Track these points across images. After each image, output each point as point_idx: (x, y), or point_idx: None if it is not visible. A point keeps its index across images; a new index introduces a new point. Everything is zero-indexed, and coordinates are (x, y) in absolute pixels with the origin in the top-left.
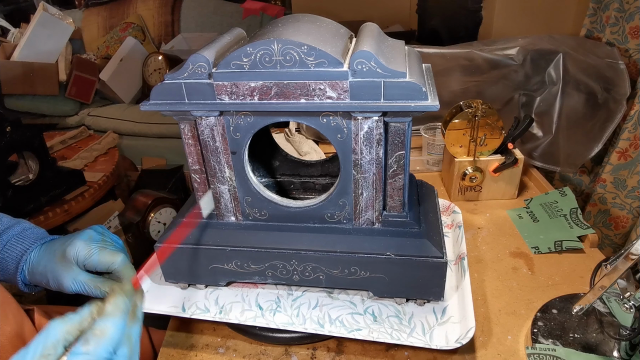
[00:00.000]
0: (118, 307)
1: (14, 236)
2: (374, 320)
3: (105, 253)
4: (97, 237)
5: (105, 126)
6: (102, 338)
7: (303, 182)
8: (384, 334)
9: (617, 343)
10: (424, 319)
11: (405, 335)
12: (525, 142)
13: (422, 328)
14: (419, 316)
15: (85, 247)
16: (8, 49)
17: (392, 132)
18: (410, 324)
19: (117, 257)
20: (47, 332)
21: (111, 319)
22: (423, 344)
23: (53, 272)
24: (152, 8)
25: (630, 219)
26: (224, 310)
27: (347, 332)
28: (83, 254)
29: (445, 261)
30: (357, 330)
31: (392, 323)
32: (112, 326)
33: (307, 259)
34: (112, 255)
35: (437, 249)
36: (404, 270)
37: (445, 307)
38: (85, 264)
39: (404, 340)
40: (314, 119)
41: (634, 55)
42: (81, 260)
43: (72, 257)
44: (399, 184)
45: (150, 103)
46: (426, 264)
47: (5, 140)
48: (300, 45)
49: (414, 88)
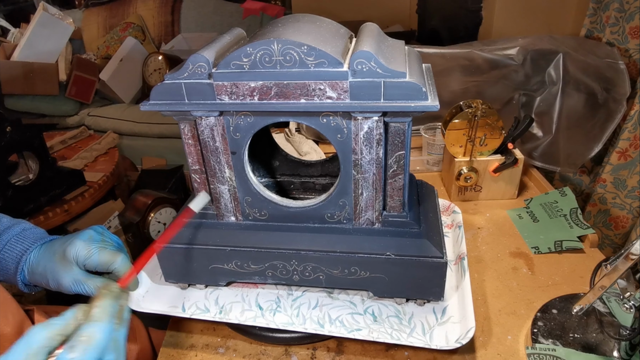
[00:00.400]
0: (105, 311)
1: (14, 236)
2: (374, 320)
3: (105, 253)
4: (97, 237)
5: (105, 126)
6: (89, 344)
7: (303, 182)
8: (384, 334)
9: (617, 343)
10: (424, 319)
11: (405, 335)
12: (525, 142)
13: (422, 328)
14: (419, 316)
15: (85, 247)
16: (8, 49)
17: (392, 132)
18: (410, 324)
19: (117, 257)
20: (28, 338)
21: (98, 323)
22: (423, 344)
23: (53, 272)
24: (152, 8)
25: (630, 219)
26: (224, 310)
27: (347, 332)
28: (83, 254)
29: (445, 261)
30: (357, 330)
31: (392, 323)
32: (98, 331)
33: (307, 259)
34: (112, 256)
35: (437, 249)
36: (404, 271)
37: (445, 307)
38: (85, 264)
39: (404, 340)
40: (313, 119)
41: (634, 55)
42: (81, 260)
43: (72, 257)
44: (399, 184)
45: (150, 103)
46: (426, 264)
47: (5, 140)
48: (300, 45)
49: (414, 88)
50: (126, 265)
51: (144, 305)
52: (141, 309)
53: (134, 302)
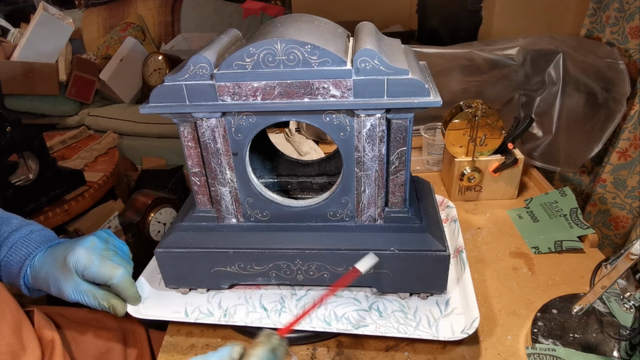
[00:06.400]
0: None
1: (20, 239)
2: (379, 316)
3: (105, 266)
4: (100, 245)
5: (105, 126)
6: None
7: (300, 182)
8: (391, 328)
9: (617, 343)
10: (428, 312)
11: (412, 329)
12: (525, 142)
13: (428, 321)
14: (424, 309)
15: (85, 256)
16: (8, 49)
17: (395, 129)
18: (416, 317)
19: (117, 272)
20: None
21: None
22: (430, 337)
23: (54, 279)
24: (152, 8)
25: (630, 219)
26: (228, 313)
27: (354, 329)
28: (82, 264)
29: (448, 254)
30: (364, 326)
31: (398, 317)
32: None
33: (311, 257)
34: (111, 269)
35: (439, 243)
36: (408, 265)
37: (448, 299)
38: (84, 274)
39: (411, 334)
40: (316, 117)
41: (634, 55)
42: (80, 269)
43: (72, 265)
44: (400, 180)
45: (150, 106)
46: (430, 257)
47: (5, 140)
48: (303, 45)
49: (417, 85)
50: (125, 280)
51: (144, 312)
52: (142, 316)
53: (134, 310)
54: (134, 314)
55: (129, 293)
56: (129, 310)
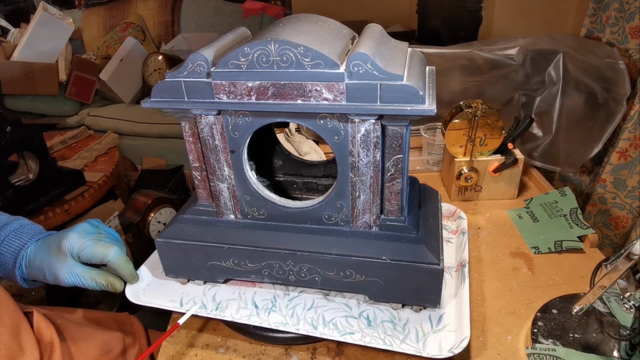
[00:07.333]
0: None
1: (12, 232)
2: (367, 325)
3: (98, 245)
4: (92, 230)
5: (105, 126)
6: None
7: (306, 183)
8: (377, 339)
9: (617, 343)
10: (418, 325)
11: (398, 342)
12: (525, 142)
13: (416, 335)
14: (414, 323)
15: (79, 239)
16: (8, 49)
17: (390, 136)
18: (405, 330)
19: (110, 249)
20: None
21: None
22: (415, 352)
23: (49, 265)
24: (152, 8)
25: (630, 219)
26: (220, 307)
27: (339, 336)
28: (77, 246)
29: (441, 268)
30: (349, 334)
31: (386, 328)
32: None
33: (303, 259)
34: (105, 248)
35: (433, 255)
36: (400, 276)
37: (442, 314)
38: (80, 255)
39: (396, 347)
40: (311, 120)
41: (634, 55)
42: (75, 252)
43: (67, 249)
44: (396, 188)
45: (151, 100)
46: (422, 270)
47: (5, 140)
48: (296, 46)
49: (411, 91)
50: (120, 257)
51: (143, 298)
52: (140, 302)
53: (133, 295)
54: (133, 300)
55: (125, 270)
56: (128, 296)
